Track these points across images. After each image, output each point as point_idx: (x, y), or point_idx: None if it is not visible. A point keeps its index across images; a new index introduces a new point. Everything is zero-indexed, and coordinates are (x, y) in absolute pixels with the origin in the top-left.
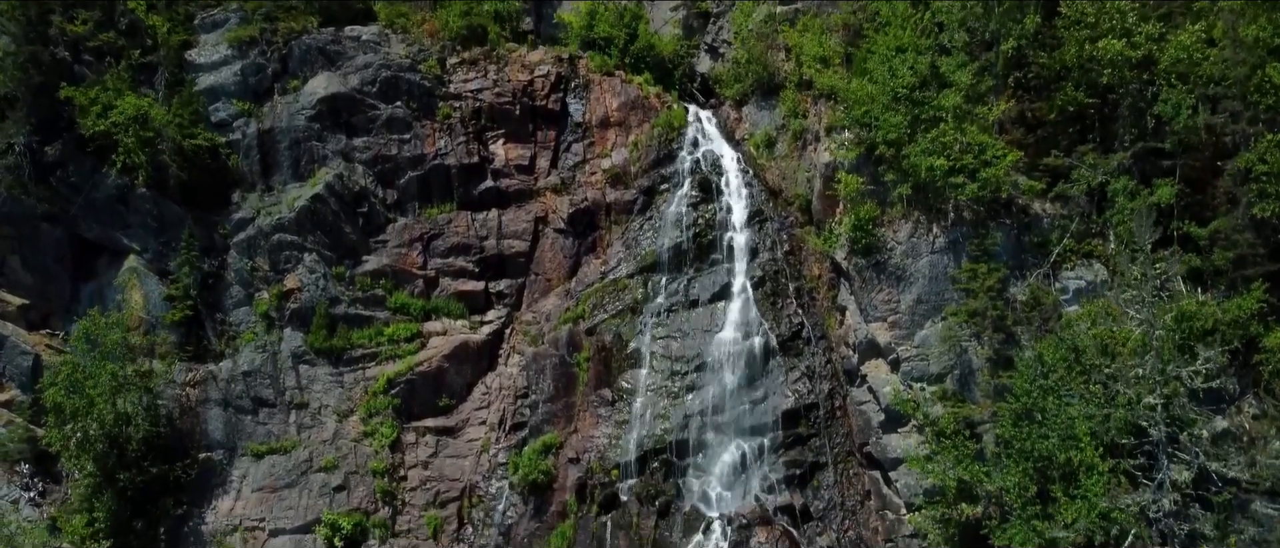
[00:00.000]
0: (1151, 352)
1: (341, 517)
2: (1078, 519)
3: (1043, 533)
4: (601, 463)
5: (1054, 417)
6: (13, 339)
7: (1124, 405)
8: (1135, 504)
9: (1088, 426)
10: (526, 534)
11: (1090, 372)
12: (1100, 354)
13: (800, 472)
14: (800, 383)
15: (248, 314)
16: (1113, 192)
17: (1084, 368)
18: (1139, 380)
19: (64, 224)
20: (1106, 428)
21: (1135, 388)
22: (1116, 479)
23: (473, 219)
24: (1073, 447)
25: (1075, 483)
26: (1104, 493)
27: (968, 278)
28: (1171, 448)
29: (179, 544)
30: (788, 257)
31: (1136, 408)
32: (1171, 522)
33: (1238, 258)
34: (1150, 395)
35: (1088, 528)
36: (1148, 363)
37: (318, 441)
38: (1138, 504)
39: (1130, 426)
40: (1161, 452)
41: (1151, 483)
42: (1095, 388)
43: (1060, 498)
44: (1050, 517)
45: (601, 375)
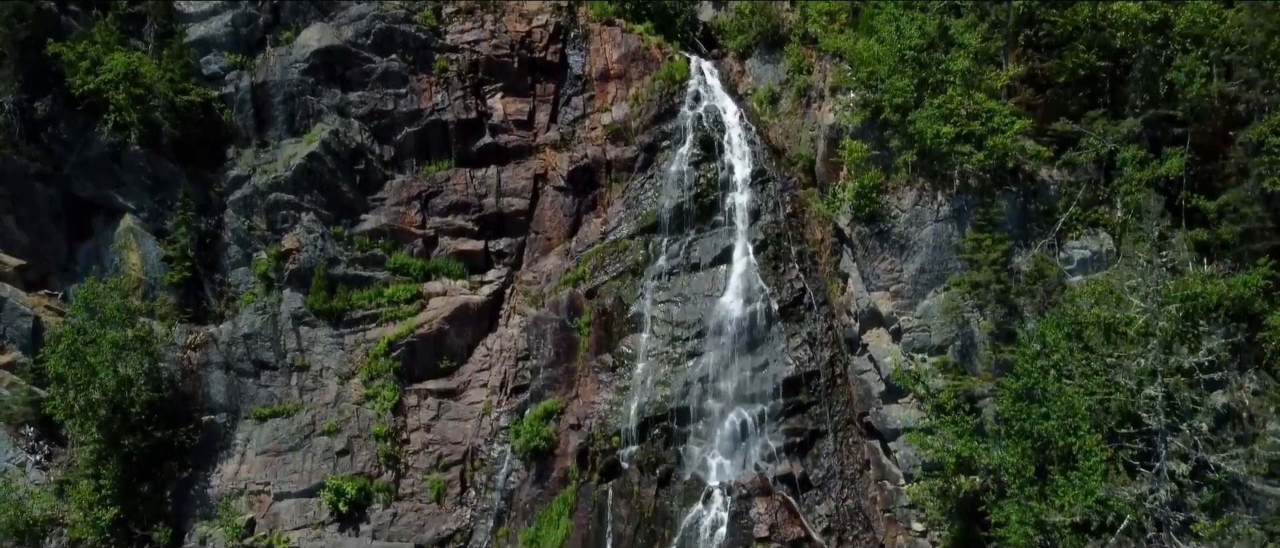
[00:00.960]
0: (1155, 341)
1: (345, 482)
2: (1074, 505)
3: (1039, 514)
4: (602, 430)
5: (1055, 398)
6: (11, 301)
7: (1125, 394)
8: (1132, 495)
9: (1087, 403)
10: (528, 500)
11: (1092, 349)
12: (1103, 342)
13: (800, 440)
14: (801, 350)
15: (246, 274)
16: (1121, 160)
17: (1085, 344)
18: (1140, 371)
19: (57, 183)
20: (1106, 411)
21: (1135, 378)
22: (1115, 467)
23: (471, 176)
24: (1072, 432)
25: (1073, 466)
26: (1101, 481)
27: (972, 248)
28: (1170, 437)
29: (185, 508)
30: (790, 219)
31: (1137, 398)
32: (1167, 510)
33: (1245, 232)
34: (1151, 387)
35: (1084, 511)
36: (1150, 354)
37: (320, 403)
38: (1135, 494)
39: (1129, 415)
40: (1161, 441)
41: (1150, 471)
42: (1096, 365)
43: (1058, 480)
44: (1047, 498)
45: (602, 340)
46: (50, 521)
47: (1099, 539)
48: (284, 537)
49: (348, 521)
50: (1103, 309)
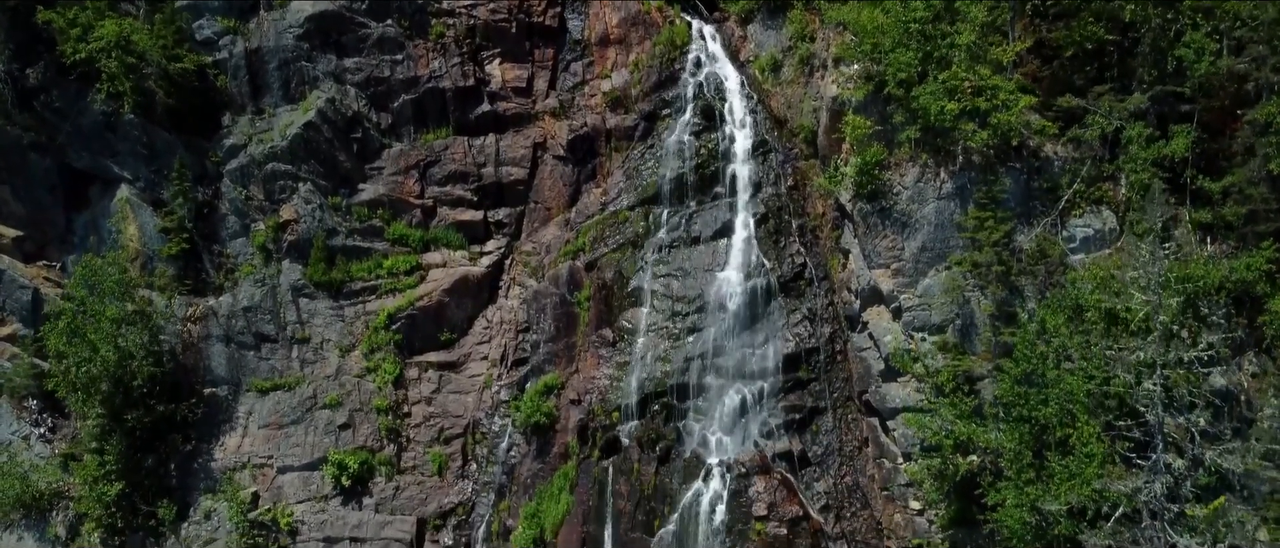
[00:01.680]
0: (1155, 333)
1: (348, 456)
2: (1071, 493)
3: (1035, 500)
4: (603, 405)
5: (1053, 384)
6: (10, 273)
7: (1122, 384)
8: (1127, 488)
9: (1086, 389)
10: (530, 475)
11: (1091, 332)
12: (1103, 333)
13: (799, 417)
14: (801, 326)
15: (245, 246)
16: (1127, 138)
17: (1086, 328)
18: (1138, 363)
19: (52, 153)
20: (1104, 401)
21: (1133, 370)
22: (1112, 459)
23: (470, 145)
24: (1070, 421)
25: (1070, 452)
26: (1098, 472)
27: (974, 226)
28: (1168, 429)
29: (190, 481)
30: (791, 192)
31: (1135, 391)
32: (1162, 502)
33: (1249, 213)
34: (1149, 381)
35: (1080, 499)
36: (1150, 347)
37: (321, 376)
38: (1130, 488)
39: (1127, 407)
40: (1157, 434)
41: (1146, 463)
42: (1095, 352)
43: (1055, 466)
44: (1044, 483)
45: (602, 315)
46: (56, 494)
47: (1094, 528)
48: (288, 510)
49: (350, 494)
50: (1103, 295)
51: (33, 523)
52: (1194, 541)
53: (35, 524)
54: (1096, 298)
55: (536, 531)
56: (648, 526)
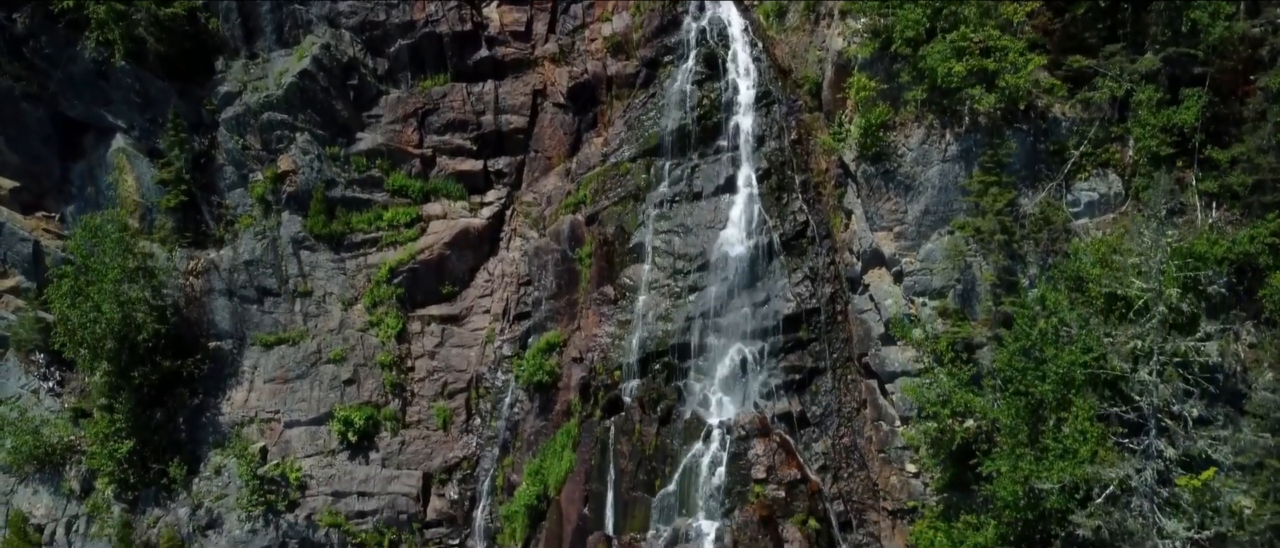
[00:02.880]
0: (1153, 320)
1: (353, 411)
2: (1063, 474)
3: (1028, 475)
4: (604, 364)
5: (1051, 362)
6: (10, 225)
7: (1117, 371)
8: (1119, 475)
9: (1083, 361)
10: (533, 432)
11: (1091, 307)
12: (1102, 310)
13: (799, 377)
14: (802, 286)
15: (243, 196)
16: (1136, 102)
17: (1087, 300)
18: (1135, 351)
19: (45, 103)
20: (1099, 379)
21: (1129, 358)
22: (1104, 440)
23: (468, 92)
24: (1065, 403)
25: (1065, 431)
26: (1091, 457)
27: (979, 190)
28: (1161, 417)
29: (199, 435)
30: (794, 146)
31: (1130, 380)
32: (1152, 487)
33: (1256, 183)
34: (1144, 370)
35: (1072, 479)
36: (1148, 337)
37: (324, 330)
38: (1121, 475)
39: (1122, 394)
40: (1150, 420)
41: (1138, 448)
42: (1094, 327)
43: (1049, 443)
44: (1037, 460)
45: (604, 272)
46: (68, 448)
47: (1084, 509)
48: (296, 465)
49: (357, 449)
50: (1104, 271)
51: (47, 478)
52: (1181, 525)
53: (49, 479)
54: (1097, 272)
55: (540, 487)
56: (649, 485)
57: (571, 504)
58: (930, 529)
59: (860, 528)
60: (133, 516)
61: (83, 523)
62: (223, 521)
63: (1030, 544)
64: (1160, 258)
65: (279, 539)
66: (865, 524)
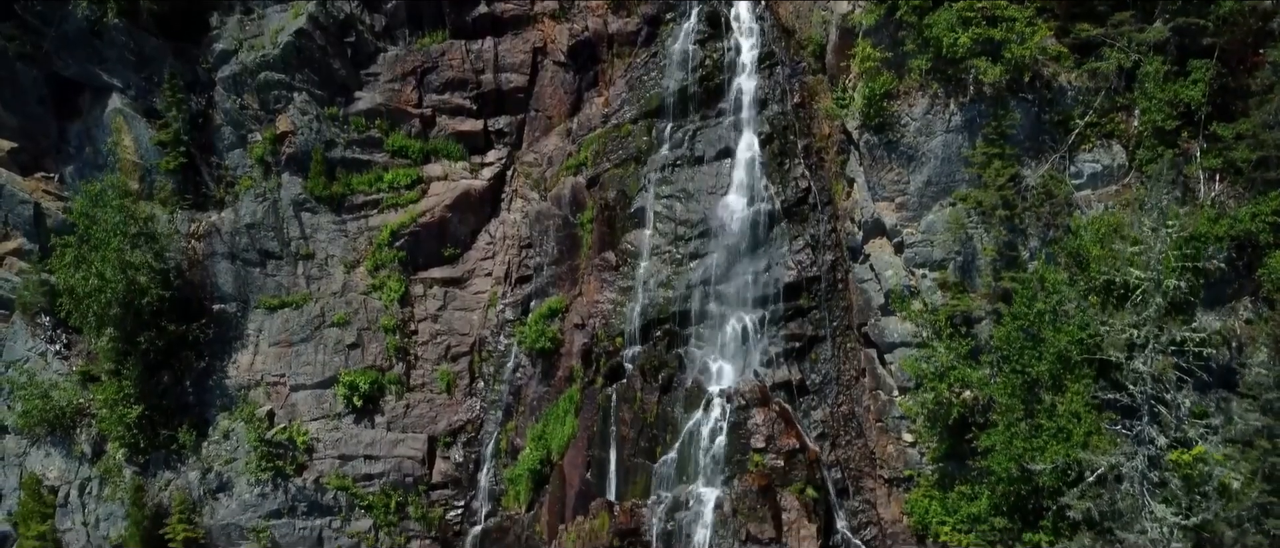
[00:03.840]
0: (1150, 311)
1: (358, 376)
2: (1056, 457)
3: (1022, 454)
4: (606, 330)
5: (1048, 343)
6: (9, 187)
7: (1111, 358)
8: (1110, 463)
9: (1079, 338)
10: (536, 397)
11: (1091, 287)
12: (1101, 294)
13: (799, 345)
14: (803, 253)
15: (243, 158)
16: (1144, 74)
17: (1089, 277)
18: (1131, 340)
19: (39, 63)
20: (1092, 363)
21: (1124, 348)
22: (1098, 429)
23: (467, 50)
24: (1060, 386)
25: (1059, 411)
26: (1084, 441)
27: (982, 162)
28: (1154, 405)
29: (206, 398)
30: (797, 109)
31: (1125, 369)
32: (1142, 472)
33: (1260, 159)
34: (1139, 360)
35: (1064, 462)
36: (1144, 328)
37: (327, 293)
38: (1112, 463)
39: (1116, 382)
40: (1144, 408)
41: (1130, 434)
42: (1093, 311)
43: (1043, 422)
44: (1031, 438)
45: (605, 237)
46: (78, 411)
47: (1075, 488)
48: (303, 429)
49: (362, 413)
50: (1105, 253)
51: (58, 441)
52: (1170, 511)
53: (60, 442)
54: (1098, 252)
55: (543, 452)
56: (650, 452)
57: (574, 469)
58: (925, 498)
59: (857, 495)
60: (144, 479)
61: (95, 485)
62: (232, 484)
63: (1023, 516)
64: (1160, 249)
65: (288, 503)
66: (862, 492)
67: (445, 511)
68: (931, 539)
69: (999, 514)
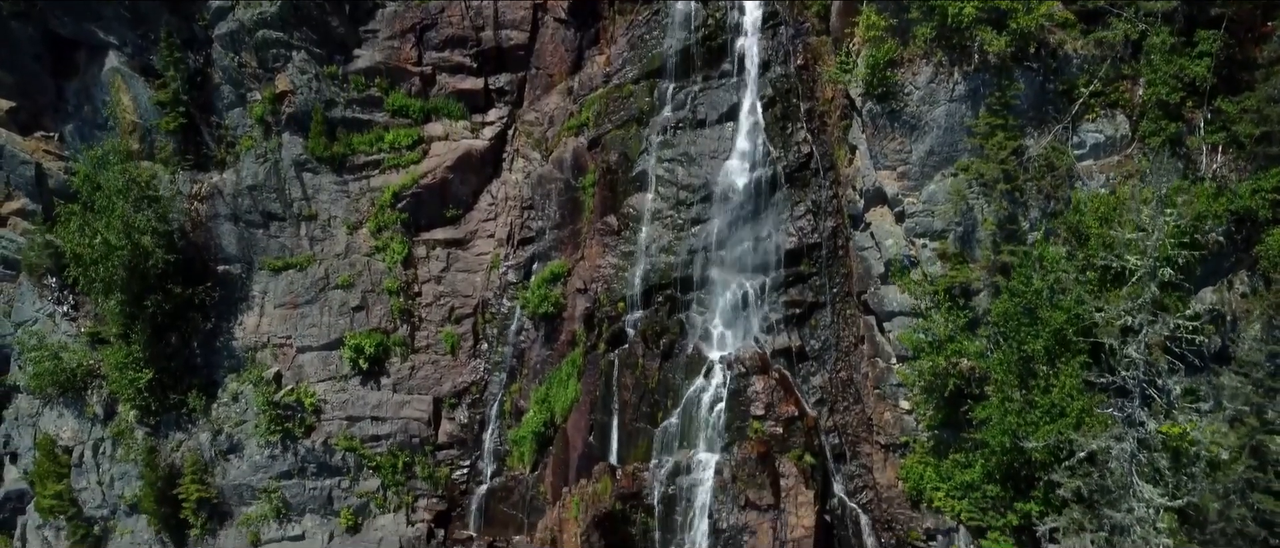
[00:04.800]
0: (1144, 298)
1: (363, 338)
2: (1048, 435)
3: (1015, 430)
4: (608, 294)
5: (1046, 323)
6: (9, 148)
7: (1107, 350)
8: (1101, 446)
9: (1074, 314)
10: (539, 361)
11: (1090, 261)
12: (1096, 291)
13: (799, 311)
14: (805, 220)
15: (243, 117)
16: (1150, 46)
17: (1088, 253)
18: (1126, 328)
19: (34, 21)
20: (1091, 340)
21: (1118, 335)
22: (1090, 411)
23: (467, 6)
24: (1054, 364)
25: (1053, 389)
26: (1076, 423)
27: (985, 132)
28: (1145, 388)
29: (214, 359)
30: (800, 72)
31: (1117, 356)
32: (1131, 453)
33: (1264, 134)
34: (1132, 347)
35: (1056, 439)
36: (1139, 315)
37: (331, 254)
38: (1102, 447)
39: (1109, 367)
40: (1135, 391)
41: (1120, 416)
42: (1092, 276)
43: (1037, 400)
44: (1024, 413)
45: (607, 201)
46: (89, 372)
47: (1065, 463)
48: (310, 390)
49: (369, 375)
50: (1104, 231)
51: (71, 401)
52: (1156, 491)
53: (73, 402)
54: (1098, 230)
55: (547, 415)
56: (651, 417)
57: (577, 433)
58: (920, 464)
59: (853, 460)
60: (156, 440)
61: (108, 446)
62: (243, 446)
63: (1015, 485)
64: (1157, 238)
65: (298, 464)
66: (858, 456)
67: (451, 470)
68: (925, 505)
69: (991, 482)
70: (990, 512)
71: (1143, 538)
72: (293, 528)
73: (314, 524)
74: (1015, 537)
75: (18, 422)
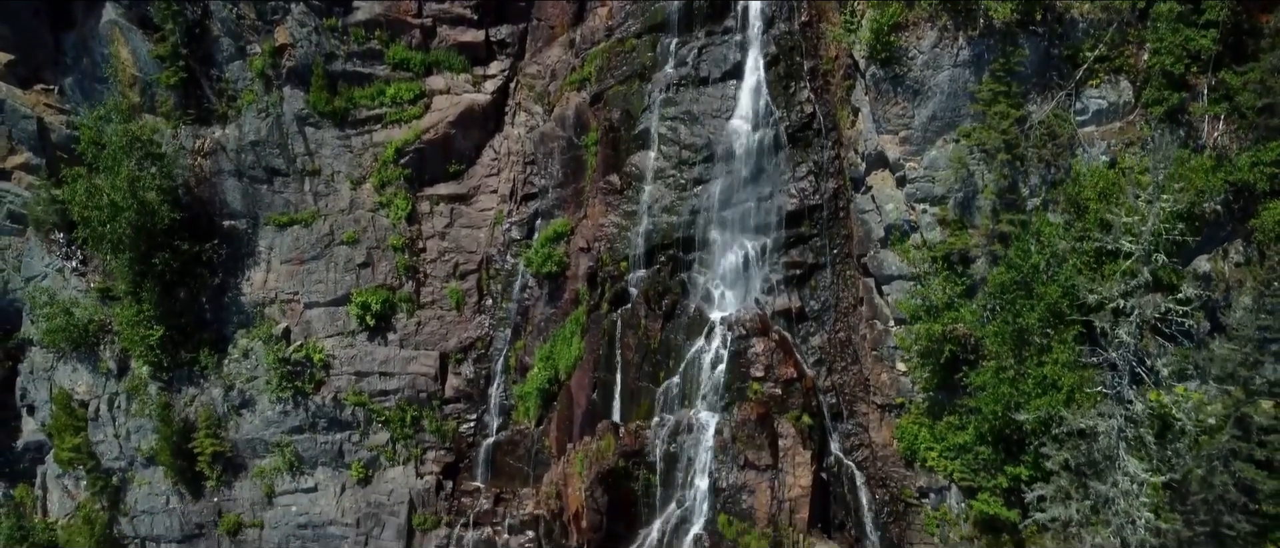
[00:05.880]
0: (1138, 280)
1: (370, 295)
2: (1040, 407)
3: (1008, 400)
4: (611, 253)
5: (1041, 299)
6: (11, 102)
7: (1099, 330)
8: (1090, 422)
9: (1068, 287)
10: (543, 318)
11: (1088, 228)
12: (1091, 273)
13: (800, 272)
14: (806, 180)
15: (242, 70)
16: (1156, 14)
17: (1085, 225)
18: (1118, 311)
19: None
20: (1083, 318)
21: (1109, 316)
22: (1081, 388)
23: None
24: (1047, 342)
25: (1045, 363)
26: (1067, 399)
27: (988, 99)
28: (1136, 367)
29: (223, 315)
30: (804, 29)
31: (1109, 337)
32: (1120, 429)
33: (1265, 105)
34: (1123, 328)
35: (1047, 411)
36: (1131, 298)
37: (335, 210)
38: (1090, 423)
39: (1101, 346)
40: (1125, 371)
41: (1110, 394)
42: (1089, 246)
43: (1031, 371)
44: (1015, 382)
45: (609, 159)
46: (101, 328)
47: (1054, 438)
48: (319, 346)
49: (376, 331)
50: (1101, 206)
51: (84, 357)
52: (1141, 466)
53: (86, 357)
54: (1097, 205)
55: (551, 372)
56: (653, 376)
57: (581, 390)
58: (915, 425)
59: (850, 419)
60: (170, 395)
61: (123, 400)
62: (255, 401)
63: (1007, 448)
64: (1152, 223)
65: (309, 419)
66: (855, 415)
67: (458, 424)
68: (919, 464)
69: (984, 444)
70: (981, 473)
71: (1126, 510)
72: (305, 480)
73: (326, 477)
74: (1005, 498)
75: (33, 375)
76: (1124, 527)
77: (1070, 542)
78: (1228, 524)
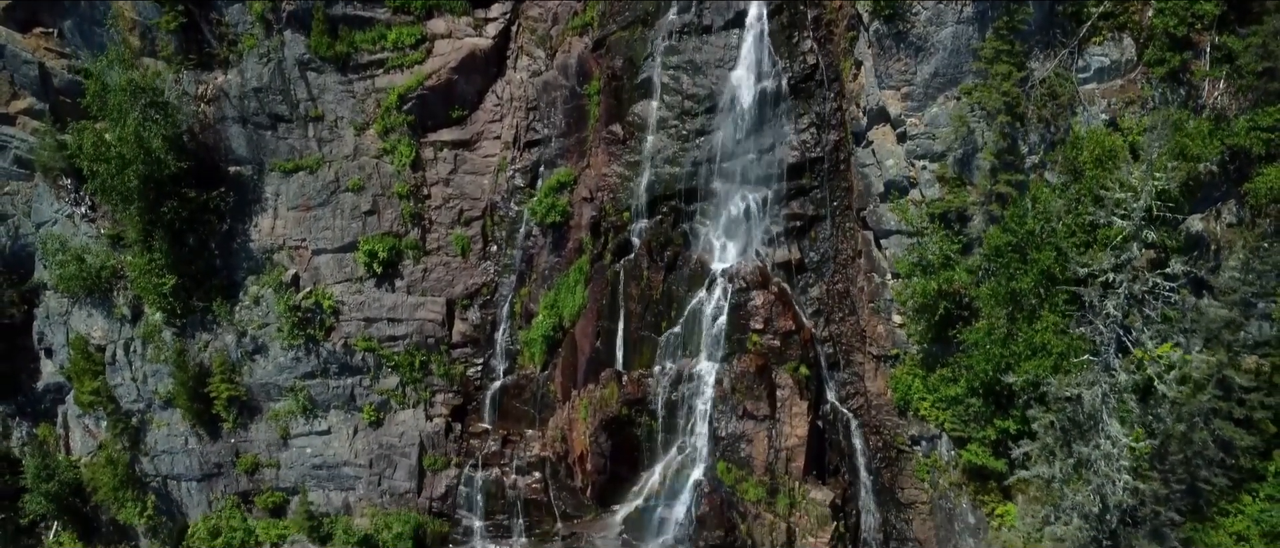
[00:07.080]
0: (1128, 255)
1: (376, 242)
2: (1029, 372)
3: (999, 361)
4: (614, 203)
5: (1033, 265)
6: (11, 47)
7: (1088, 304)
8: (1076, 389)
9: (1062, 268)
10: (547, 267)
11: (1083, 194)
12: (1083, 250)
13: (800, 224)
14: (808, 132)
15: (242, 13)
16: None
17: (1081, 190)
18: (1107, 287)
19: None
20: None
21: (1099, 289)
22: (1068, 356)
23: None
24: (1037, 311)
25: (1038, 321)
26: (1054, 366)
27: (991, 57)
28: (1123, 337)
29: (232, 261)
30: None
31: (1098, 310)
32: (1104, 395)
33: (1266, 69)
34: (1110, 303)
35: (1035, 374)
36: (1121, 274)
37: (340, 156)
38: (1075, 391)
39: (1088, 316)
40: (1111, 342)
41: (1097, 362)
42: (1082, 212)
43: (1022, 330)
44: (1006, 343)
45: (612, 109)
46: (113, 274)
47: (1041, 402)
48: (327, 292)
49: (383, 278)
50: (1099, 173)
51: (98, 302)
52: (1123, 431)
53: (100, 303)
54: (1093, 170)
55: (556, 319)
56: (655, 326)
57: (585, 338)
58: (909, 375)
59: (846, 368)
60: (184, 341)
61: (139, 345)
62: (268, 347)
63: (996, 402)
64: (1144, 201)
65: (320, 365)
66: (851, 365)
67: (466, 368)
68: (912, 413)
69: (975, 396)
70: (972, 424)
71: (1107, 472)
72: (319, 423)
73: (339, 420)
74: (993, 449)
75: (49, 320)
76: (1104, 485)
77: (1052, 496)
78: (1205, 479)
